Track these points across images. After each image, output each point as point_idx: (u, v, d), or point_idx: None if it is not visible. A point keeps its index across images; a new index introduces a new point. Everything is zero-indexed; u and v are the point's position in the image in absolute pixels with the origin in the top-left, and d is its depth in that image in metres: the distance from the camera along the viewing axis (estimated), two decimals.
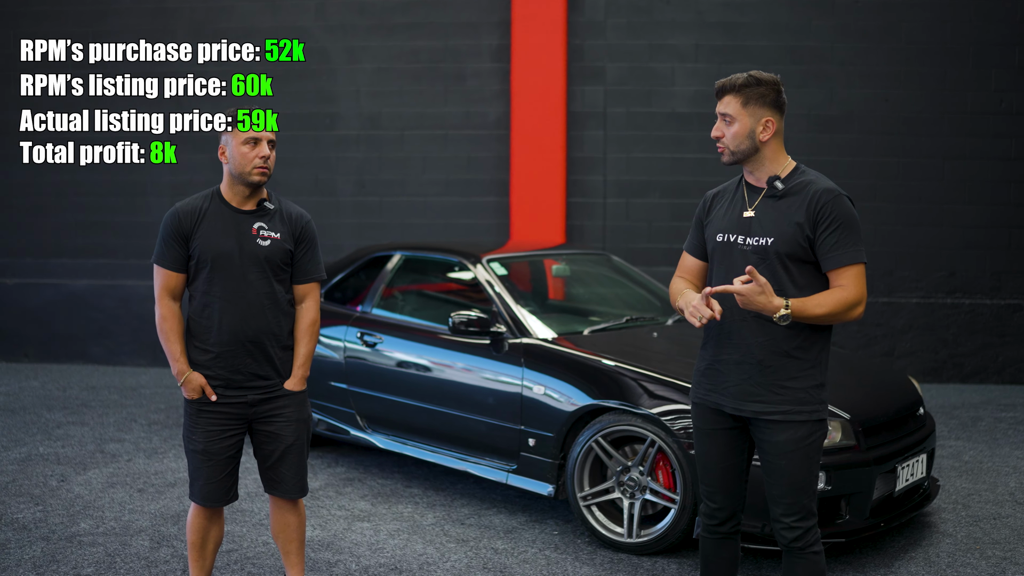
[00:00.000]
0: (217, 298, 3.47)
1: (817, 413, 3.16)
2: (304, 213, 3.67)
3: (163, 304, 3.49)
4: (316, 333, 3.64)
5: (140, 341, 9.16)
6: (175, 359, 3.48)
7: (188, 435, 3.54)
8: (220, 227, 3.49)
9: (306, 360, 3.60)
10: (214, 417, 3.50)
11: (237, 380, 3.50)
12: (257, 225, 3.53)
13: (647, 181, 8.73)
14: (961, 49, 8.45)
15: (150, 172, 9.13)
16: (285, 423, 3.56)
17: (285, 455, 3.58)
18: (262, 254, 3.50)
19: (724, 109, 3.17)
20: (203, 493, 3.54)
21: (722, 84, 3.19)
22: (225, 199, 3.55)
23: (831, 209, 3.08)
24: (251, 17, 8.98)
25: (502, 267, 5.61)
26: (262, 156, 3.49)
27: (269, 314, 3.51)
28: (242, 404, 3.52)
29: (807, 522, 3.17)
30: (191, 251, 3.48)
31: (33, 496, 5.19)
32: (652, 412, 4.37)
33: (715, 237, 3.27)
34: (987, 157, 8.48)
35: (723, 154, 3.21)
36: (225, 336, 3.46)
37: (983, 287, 8.53)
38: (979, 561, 4.39)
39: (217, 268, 3.46)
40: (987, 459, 6.06)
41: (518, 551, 4.52)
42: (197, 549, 3.65)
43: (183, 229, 3.49)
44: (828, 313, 3.05)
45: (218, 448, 3.51)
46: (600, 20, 8.66)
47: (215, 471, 3.52)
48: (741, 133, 3.16)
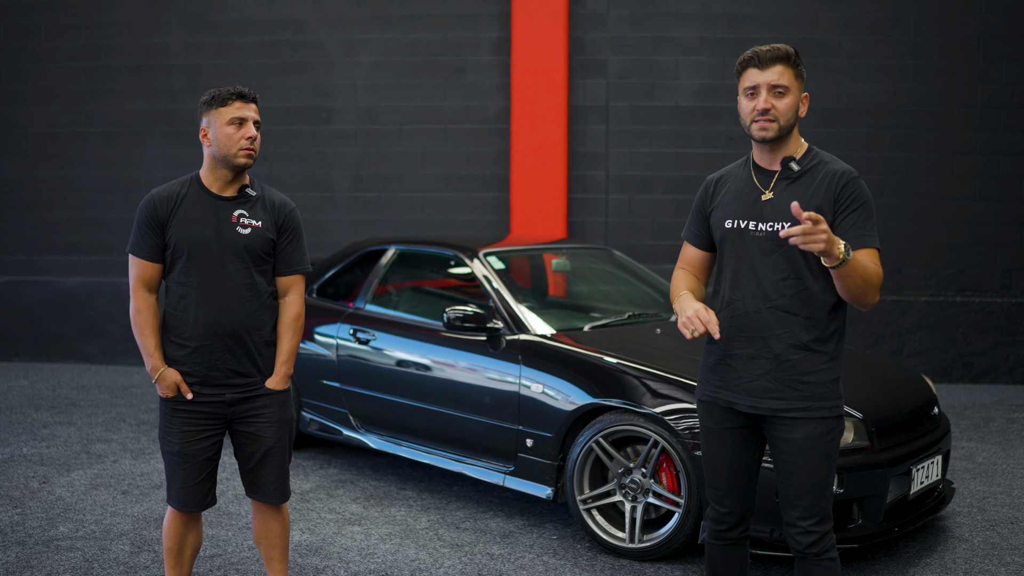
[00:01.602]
0: (194, 289, 3.28)
1: (836, 408, 2.99)
2: (288, 201, 3.47)
3: (138, 296, 3.31)
4: (300, 328, 3.44)
5: (132, 340, 8.97)
6: (149, 354, 3.29)
7: (163, 436, 3.36)
8: (198, 214, 3.29)
9: (289, 357, 3.40)
10: (190, 416, 3.31)
11: (215, 377, 3.30)
12: (238, 212, 3.32)
13: (650, 176, 8.55)
14: (970, 42, 8.27)
15: (143, 168, 8.98)
16: (266, 424, 3.37)
17: (266, 458, 3.39)
18: (242, 243, 3.30)
19: (778, 80, 2.93)
20: (180, 497, 3.36)
21: (773, 53, 2.93)
22: (205, 185, 3.34)
23: (851, 190, 2.92)
24: (247, 8, 8.82)
25: (500, 261, 5.43)
26: (248, 137, 3.28)
27: (249, 306, 3.31)
28: (220, 403, 3.33)
29: (823, 526, 2.99)
30: (167, 239, 3.29)
31: (12, 498, 5.01)
32: (655, 411, 4.19)
33: (723, 224, 3.07)
34: (997, 152, 8.29)
35: (767, 130, 2.94)
36: (201, 330, 3.27)
37: (993, 285, 8.34)
38: (997, 568, 4.20)
39: (194, 257, 3.27)
40: (1001, 461, 5.87)
41: (515, 556, 4.34)
42: (174, 556, 3.47)
43: (159, 216, 3.28)
44: (866, 277, 2.81)
45: (194, 450, 3.32)
46: (602, 12, 8.49)
47: (191, 474, 3.33)
48: (792, 105, 2.95)
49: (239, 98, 3.29)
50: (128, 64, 8.94)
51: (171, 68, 8.91)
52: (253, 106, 3.32)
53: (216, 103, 3.29)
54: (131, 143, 8.99)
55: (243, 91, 3.31)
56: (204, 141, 3.32)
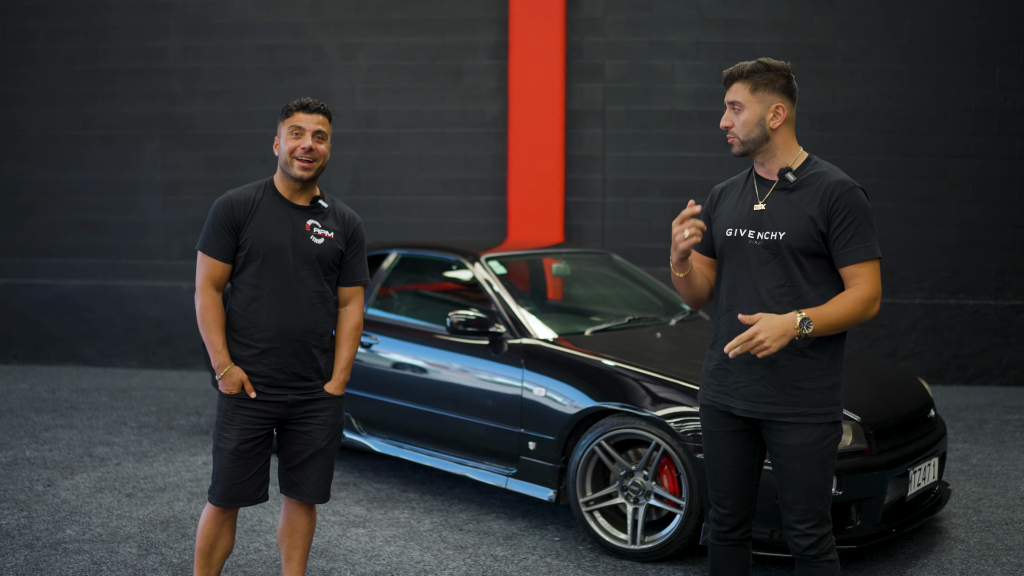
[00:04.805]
0: (266, 293, 3.33)
1: (833, 415, 3.04)
2: (356, 215, 3.57)
3: (206, 294, 3.33)
4: (359, 338, 3.54)
5: (131, 342, 9.01)
6: (217, 351, 3.32)
7: (220, 432, 3.38)
8: (274, 220, 3.35)
9: (348, 364, 3.50)
10: (251, 415, 3.36)
11: (279, 379, 3.37)
12: (311, 222, 3.40)
13: (647, 180, 8.61)
14: (965, 46, 8.34)
15: (141, 171, 9.00)
16: (320, 427, 3.45)
17: (313, 458, 3.46)
18: (315, 252, 3.38)
19: (733, 97, 3.04)
20: (229, 493, 3.37)
21: (730, 72, 3.06)
22: (279, 191, 3.41)
23: (846, 202, 2.96)
24: (245, 12, 8.85)
25: (501, 266, 5.48)
26: (304, 147, 3.31)
27: (317, 313, 3.39)
28: (281, 404, 3.39)
29: (822, 529, 3.04)
30: (241, 242, 3.33)
31: (18, 501, 5.04)
32: (657, 415, 4.24)
33: (724, 232, 3.14)
34: (991, 155, 8.37)
35: (733, 145, 3.07)
36: (271, 333, 3.33)
37: (987, 287, 8.42)
38: (993, 568, 4.26)
39: (268, 262, 3.33)
40: (995, 462, 5.94)
41: (518, 558, 4.39)
42: (204, 556, 3.49)
43: (235, 218, 3.32)
44: (847, 315, 2.91)
45: (249, 447, 3.36)
46: (599, 16, 8.54)
47: (243, 470, 3.36)
48: (751, 121, 3.02)
49: (301, 109, 3.33)
50: (126, 67, 8.96)
51: (169, 71, 8.93)
52: (318, 117, 3.34)
53: (283, 114, 3.36)
54: (129, 146, 9.01)
55: (308, 102, 3.33)
56: (275, 151, 3.40)
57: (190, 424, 6.79)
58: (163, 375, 8.68)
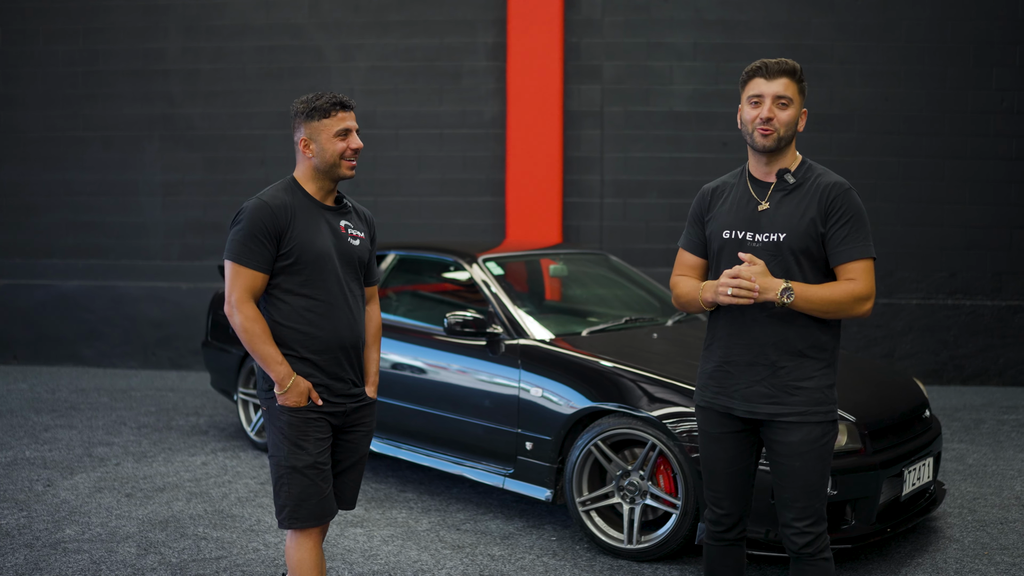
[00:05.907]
0: (321, 302, 3.14)
1: (831, 413, 3.08)
2: (368, 211, 3.47)
3: (248, 307, 3.07)
4: (380, 338, 3.47)
5: (131, 343, 9.04)
6: (278, 362, 3.07)
7: (292, 451, 3.12)
8: (314, 225, 3.15)
9: (378, 366, 3.38)
10: (322, 427, 3.18)
11: (337, 388, 3.20)
12: (343, 223, 3.24)
13: (645, 181, 8.63)
14: (962, 47, 8.36)
15: (141, 172, 9.03)
16: (364, 434, 3.34)
17: (354, 466, 3.35)
18: (356, 255, 3.24)
19: (782, 91, 3.05)
20: (317, 511, 3.15)
21: (780, 66, 3.06)
22: (308, 193, 3.20)
23: (842, 202, 3.02)
24: (244, 14, 8.87)
25: (498, 267, 5.50)
26: (354, 148, 3.17)
27: (360, 317, 3.26)
28: (342, 414, 3.24)
29: (818, 527, 3.07)
30: (286, 250, 3.10)
31: (17, 501, 5.06)
32: (653, 415, 4.27)
33: (720, 234, 3.16)
34: (988, 156, 8.39)
35: (767, 136, 3.05)
36: (326, 343, 3.15)
37: (984, 288, 8.44)
38: (987, 567, 4.28)
39: (317, 269, 3.13)
40: (991, 462, 5.97)
41: (515, 557, 4.41)
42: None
43: (278, 225, 3.08)
44: (834, 299, 2.95)
45: (325, 458, 3.19)
46: (597, 18, 8.57)
47: (327, 479, 3.19)
48: (792, 119, 3.07)
49: (342, 108, 3.16)
50: (126, 69, 8.99)
51: (168, 73, 8.96)
52: (352, 113, 3.18)
53: (318, 114, 3.14)
54: (129, 147, 9.03)
55: (343, 100, 3.17)
56: (306, 152, 3.17)
57: (189, 424, 6.81)
58: (162, 375, 8.70)
